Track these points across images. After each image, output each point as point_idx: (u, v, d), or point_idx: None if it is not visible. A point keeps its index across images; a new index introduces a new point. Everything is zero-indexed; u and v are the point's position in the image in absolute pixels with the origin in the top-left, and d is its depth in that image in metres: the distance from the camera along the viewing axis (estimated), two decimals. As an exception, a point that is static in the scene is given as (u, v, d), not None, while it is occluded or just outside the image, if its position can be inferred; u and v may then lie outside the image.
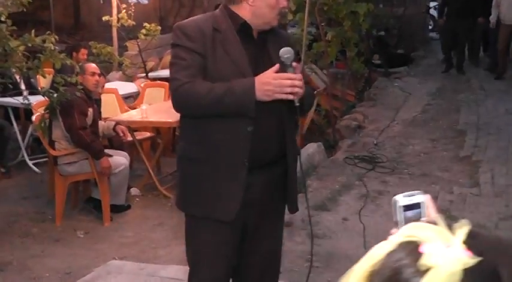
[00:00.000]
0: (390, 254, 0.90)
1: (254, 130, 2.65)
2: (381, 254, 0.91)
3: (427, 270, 0.84)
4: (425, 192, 1.09)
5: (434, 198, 5.51)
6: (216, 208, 2.73)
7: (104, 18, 10.45)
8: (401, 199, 1.08)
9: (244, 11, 2.72)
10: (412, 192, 1.10)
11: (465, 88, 10.69)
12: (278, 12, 2.71)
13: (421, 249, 0.87)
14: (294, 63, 2.60)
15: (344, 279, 0.94)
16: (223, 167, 2.69)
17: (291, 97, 2.56)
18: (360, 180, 6.24)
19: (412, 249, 0.88)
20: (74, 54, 8.40)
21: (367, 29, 9.42)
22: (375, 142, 7.60)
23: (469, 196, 5.64)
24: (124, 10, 10.14)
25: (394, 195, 1.10)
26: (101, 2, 16.83)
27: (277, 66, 2.57)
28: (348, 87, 10.14)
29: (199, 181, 2.76)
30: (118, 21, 10.34)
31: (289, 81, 2.54)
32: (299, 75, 2.59)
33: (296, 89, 2.55)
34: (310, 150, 6.86)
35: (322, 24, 8.66)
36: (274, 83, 2.53)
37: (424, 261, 0.85)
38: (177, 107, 2.72)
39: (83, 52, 8.50)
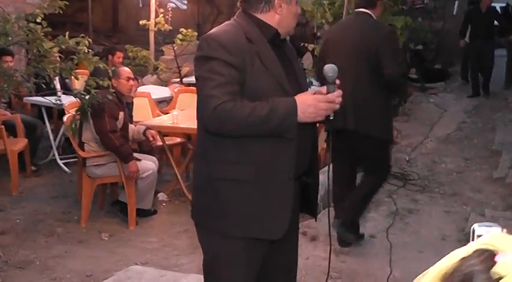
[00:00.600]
0: (465, 260, 0.94)
1: (296, 142, 2.58)
2: (456, 258, 0.96)
3: (499, 278, 0.86)
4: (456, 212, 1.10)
5: (465, 220, 5.42)
6: (264, 228, 2.62)
7: (141, 22, 10.52)
8: (479, 228, 1.16)
9: (272, 20, 2.63)
10: (490, 223, 1.17)
11: (502, 107, 10.49)
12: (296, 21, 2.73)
13: (496, 258, 0.90)
14: (337, 81, 2.53)
15: (419, 279, 1.00)
16: (271, 186, 2.58)
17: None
18: (389, 197, 6.14)
19: (486, 257, 0.91)
20: (110, 57, 8.46)
21: (404, 42, 9.29)
22: (407, 158, 7.48)
23: (501, 220, 5.48)
24: (161, 15, 10.18)
25: (424, 214, 1.11)
26: (140, 5, 17.04)
27: (324, 88, 2.52)
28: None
29: (243, 202, 2.59)
30: (155, 26, 10.38)
31: (331, 105, 2.49)
32: (339, 92, 2.53)
33: (336, 107, 2.53)
34: (340, 163, 6.76)
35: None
36: (319, 105, 2.46)
37: (497, 269, 0.87)
38: (213, 127, 2.51)
39: (119, 55, 8.54)
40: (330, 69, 2.52)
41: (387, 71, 4.41)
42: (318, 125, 2.82)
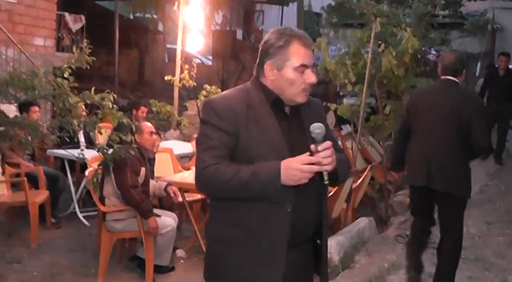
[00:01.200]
0: None
1: (293, 209, 2.55)
2: None
3: None
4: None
5: (487, 286, 5.31)
6: None
7: (166, 78, 10.67)
8: None
9: (271, 85, 2.63)
10: None
11: (527, 171, 10.41)
12: (303, 88, 2.59)
13: None
14: (328, 142, 2.47)
15: None
16: (262, 251, 2.58)
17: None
18: (410, 260, 6.04)
19: None
20: (134, 111, 8.58)
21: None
22: (428, 221, 7.39)
23: (523, 286, 5.38)
24: (186, 71, 10.34)
25: None
26: (166, 60, 17.33)
27: (308, 156, 2.45)
28: (404, 162, 9.98)
29: (235, 265, 2.64)
30: (180, 82, 10.54)
31: (315, 167, 2.43)
32: (326, 152, 2.45)
33: (324, 168, 2.44)
34: (361, 224, 6.72)
35: (382, 96, 8.63)
36: (302, 168, 2.41)
37: None
38: (200, 189, 2.68)
39: (143, 110, 8.66)
40: (316, 127, 2.48)
41: (480, 139, 4.74)
42: (326, 188, 2.69)
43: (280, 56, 2.57)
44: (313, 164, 2.42)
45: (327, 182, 2.47)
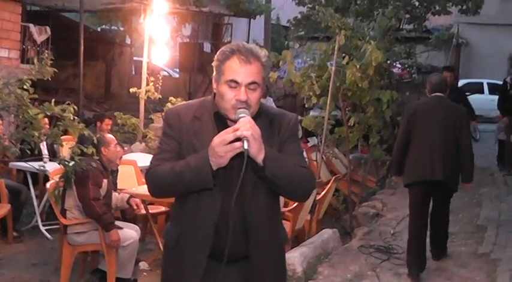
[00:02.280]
0: None
1: (217, 224, 2.58)
2: None
3: None
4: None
5: (448, 295, 5.36)
6: None
7: (131, 90, 10.63)
8: None
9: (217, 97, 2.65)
10: None
11: (488, 182, 10.52)
12: (233, 104, 2.54)
13: None
14: (247, 117, 2.48)
15: None
16: (185, 259, 2.65)
17: (240, 146, 2.42)
18: (372, 271, 6.08)
19: None
20: (98, 123, 8.53)
21: (391, 116, 9.41)
22: (391, 232, 7.45)
23: (485, 296, 5.44)
24: (152, 83, 10.31)
25: None
26: (133, 73, 17.26)
27: (231, 128, 2.46)
28: (369, 173, 10.07)
29: (164, 269, 2.81)
30: (145, 94, 10.50)
31: (230, 130, 2.44)
32: (244, 121, 2.45)
33: (240, 133, 2.40)
34: (325, 235, 6.74)
35: (347, 109, 8.70)
36: (216, 141, 2.43)
37: None
38: (148, 190, 2.72)
39: (107, 122, 8.61)
40: (240, 112, 2.50)
41: (467, 140, 6.04)
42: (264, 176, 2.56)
43: (219, 71, 2.59)
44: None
45: (246, 148, 2.41)
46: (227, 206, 2.54)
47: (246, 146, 2.42)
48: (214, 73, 2.63)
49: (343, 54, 8.27)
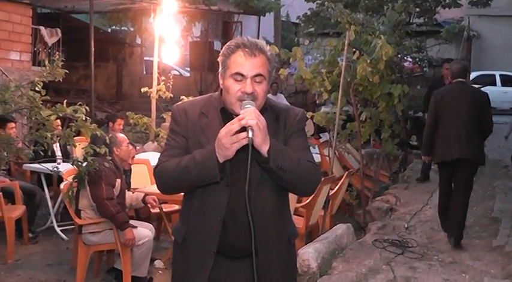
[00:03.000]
0: None
1: (225, 220, 2.57)
2: None
3: None
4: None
5: (464, 288, 5.35)
6: None
7: (142, 90, 10.66)
8: None
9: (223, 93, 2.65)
10: None
11: (502, 175, 10.48)
12: (238, 97, 2.53)
13: None
14: (248, 108, 2.46)
15: None
16: (193, 254, 2.66)
17: (245, 136, 2.41)
18: (387, 265, 6.06)
19: None
20: (111, 124, 8.56)
21: (402, 110, 9.39)
22: (405, 226, 7.44)
23: (500, 288, 5.42)
24: (162, 82, 10.34)
25: None
26: (144, 72, 17.31)
27: (236, 118, 2.45)
28: (382, 168, 10.05)
29: (173, 266, 2.83)
30: (156, 93, 10.53)
31: (235, 120, 2.43)
32: (249, 110, 2.44)
33: (245, 121, 2.39)
34: (339, 231, 6.74)
35: (358, 104, 8.69)
36: (222, 133, 2.43)
37: None
38: (157, 186, 2.73)
39: (119, 122, 8.65)
40: (246, 103, 2.49)
41: (490, 121, 6.72)
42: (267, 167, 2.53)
43: (225, 65, 2.59)
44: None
45: (251, 137, 2.39)
46: (234, 201, 2.55)
47: (250, 135, 2.40)
48: (220, 68, 2.63)
49: (354, 50, 8.26)
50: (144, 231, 5.80)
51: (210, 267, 2.61)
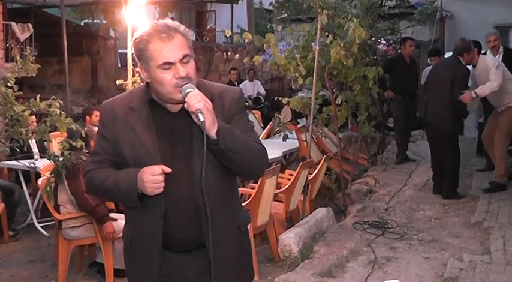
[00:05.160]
0: None
1: (166, 217, 2.53)
2: None
3: None
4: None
5: (444, 266, 5.42)
6: None
7: (117, 82, 10.59)
8: None
9: (151, 85, 2.56)
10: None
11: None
12: (175, 84, 2.44)
13: None
14: (190, 92, 2.39)
15: None
16: (140, 256, 2.65)
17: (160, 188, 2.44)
18: (368, 246, 6.13)
19: None
20: (88, 117, 8.49)
21: (378, 92, 9.44)
22: (385, 207, 7.51)
23: (479, 264, 5.49)
24: (138, 74, 10.28)
25: (403, 261, 1.08)
26: (118, 65, 17.22)
27: (159, 168, 2.43)
28: (360, 151, 10.11)
29: (126, 266, 2.82)
30: (132, 85, 10.46)
31: (156, 177, 2.41)
32: (193, 94, 2.38)
33: (192, 106, 2.35)
34: (319, 215, 6.78)
35: (334, 88, 8.71)
36: (151, 179, 2.42)
37: None
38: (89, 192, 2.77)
39: (96, 114, 8.58)
40: (187, 88, 2.42)
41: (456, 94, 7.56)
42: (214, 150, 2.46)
43: (145, 58, 2.48)
44: (164, 173, 2.43)
45: (202, 120, 2.33)
46: (174, 192, 2.51)
47: (202, 119, 2.34)
48: (140, 63, 2.52)
49: (327, 34, 8.26)
50: (123, 223, 5.79)
51: (157, 264, 2.59)
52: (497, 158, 7.98)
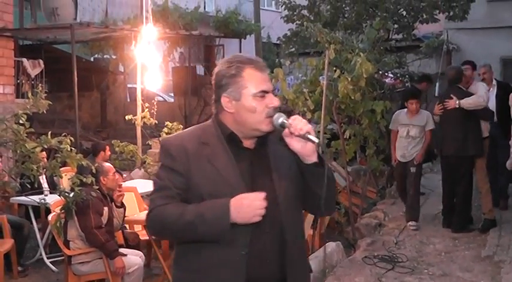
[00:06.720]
0: None
1: (250, 252, 2.40)
2: None
3: None
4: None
5: (455, 300, 5.38)
6: None
7: (127, 117, 10.69)
8: None
9: (227, 119, 2.49)
10: None
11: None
12: (266, 113, 2.42)
13: None
14: (290, 120, 2.37)
15: None
16: None
17: (259, 217, 2.32)
18: (378, 281, 6.10)
19: None
20: (102, 153, 8.57)
21: (386, 126, 9.46)
22: (395, 241, 7.47)
23: (490, 298, 5.46)
24: (147, 109, 10.38)
25: None
26: (128, 100, 17.32)
27: (262, 194, 2.34)
28: (369, 184, 10.09)
29: None
30: (141, 120, 10.56)
31: (258, 203, 2.31)
32: (297, 118, 2.37)
33: (304, 131, 2.31)
34: (329, 249, 6.76)
35: (342, 122, 8.74)
36: (246, 204, 2.32)
37: None
38: (150, 231, 2.55)
39: (108, 149, 8.70)
40: (277, 117, 2.42)
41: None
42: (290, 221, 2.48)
43: (235, 85, 2.43)
44: (266, 199, 2.33)
45: (317, 141, 2.32)
46: (256, 226, 2.38)
47: (315, 139, 2.30)
48: (227, 91, 2.46)
49: (334, 68, 8.34)
50: (134, 258, 5.81)
51: None
52: (483, 194, 7.93)
